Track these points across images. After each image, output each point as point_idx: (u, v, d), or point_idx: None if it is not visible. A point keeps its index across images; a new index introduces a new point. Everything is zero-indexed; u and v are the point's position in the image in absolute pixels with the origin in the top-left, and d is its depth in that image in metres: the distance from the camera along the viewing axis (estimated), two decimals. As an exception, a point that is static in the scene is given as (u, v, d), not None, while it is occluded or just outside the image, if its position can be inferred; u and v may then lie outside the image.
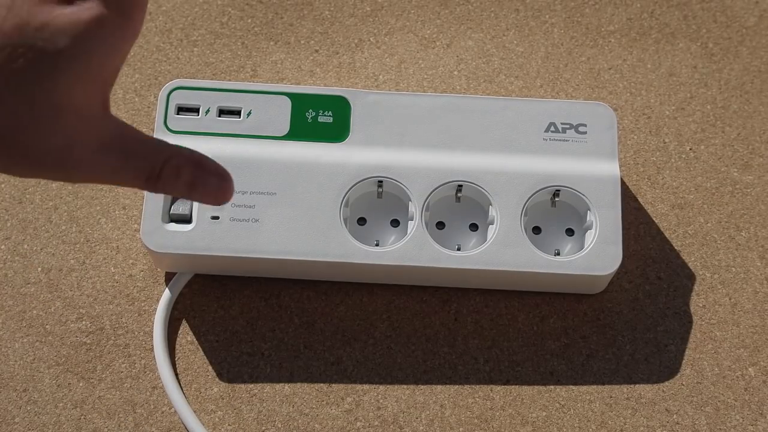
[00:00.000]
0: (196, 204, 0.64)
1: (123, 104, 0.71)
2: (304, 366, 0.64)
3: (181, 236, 0.63)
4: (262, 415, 0.63)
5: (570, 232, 0.66)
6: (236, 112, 0.66)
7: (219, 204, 0.47)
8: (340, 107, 0.66)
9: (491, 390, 0.63)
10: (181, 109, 0.66)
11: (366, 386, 0.64)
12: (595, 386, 0.64)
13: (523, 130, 0.66)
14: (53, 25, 0.40)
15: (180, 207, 0.64)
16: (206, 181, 0.46)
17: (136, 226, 0.68)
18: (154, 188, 0.45)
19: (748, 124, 0.71)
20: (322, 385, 0.64)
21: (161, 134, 0.65)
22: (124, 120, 0.71)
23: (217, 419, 0.63)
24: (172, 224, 0.64)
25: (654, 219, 0.68)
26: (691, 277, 0.67)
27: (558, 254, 0.64)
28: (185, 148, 0.46)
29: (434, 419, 0.63)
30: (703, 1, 0.75)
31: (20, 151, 0.42)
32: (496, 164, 0.65)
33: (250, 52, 0.73)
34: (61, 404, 0.63)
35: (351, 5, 0.75)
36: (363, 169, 0.64)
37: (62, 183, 0.69)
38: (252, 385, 0.64)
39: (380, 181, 0.64)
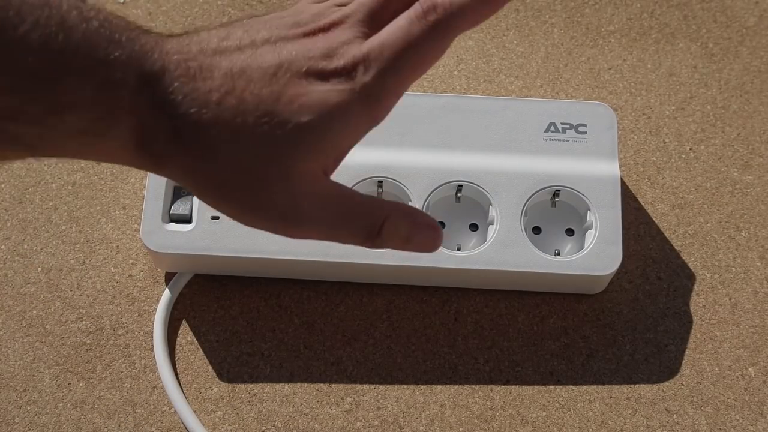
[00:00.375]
0: (195, 204, 0.64)
1: (123, 104, 0.71)
2: (304, 366, 0.64)
3: (181, 236, 0.63)
4: (262, 415, 0.63)
5: (570, 232, 0.66)
6: (236, 113, 0.66)
7: (430, 252, 0.51)
8: (340, 107, 0.66)
9: (491, 390, 0.63)
10: (181, 110, 0.66)
11: (366, 386, 0.64)
12: (595, 386, 0.64)
13: (523, 130, 0.66)
14: (303, 100, 0.44)
15: (180, 207, 0.64)
16: (422, 234, 0.50)
17: (136, 226, 0.68)
18: (372, 245, 0.49)
19: (748, 124, 0.71)
20: (322, 385, 0.64)
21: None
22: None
23: (217, 419, 0.63)
24: (172, 224, 0.64)
25: (654, 219, 0.68)
26: (691, 277, 0.67)
27: (558, 254, 0.64)
28: (399, 204, 0.50)
29: (434, 419, 0.63)
30: (703, 1, 0.75)
31: (250, 204, 0.46)
32: (496, 164, 0.65)
33: (250, 52, 0.73)
34: (61, 404, 0.63)
35: (351, 5, 0.75)
36: (363, 169, 0.64)
37: (62, 183, 0.69)
38: (252, 385, 0.64)
39: (380, 181, 0.64)
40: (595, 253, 0.63)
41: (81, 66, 0.40)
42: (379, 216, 0.48)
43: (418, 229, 0.50)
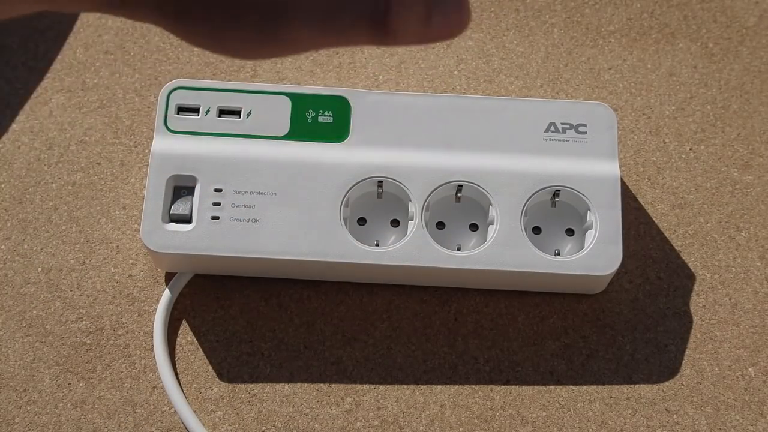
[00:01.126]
0: (196, 204, 0.64)
1: (123, 104, 0.71)
2: (304, 366, 0.64)
3: (181, 236, 0.63)
4: (262, 415, 0.63)
5: (570, 232, 0.65)
6: (236, 112, 0.66)
7: (457, 32, 0.38)
8: (340, 107, 0.66)
9: (491, 390, 0.63)
10: (181, 109, 0.66)
11: (366, 386, 0.64)
12: (595, 386, 0.64)
13: (523, 130, 0.66)
14: None
15: (180, 207, 0.64)
16: (443, 9, 0.38)
17: (136, 226, 0.68)
18: (382, 36, 0.38)
19: (748, 124, 0.71)
20: (322, 385, 0.64)
21: (161, 134, 0.65)
22: (124, 121, 0.71)
23: (217, 419, 0.63)
24: (172, 224, 0.64)
25: (654, 219, 0.68)
26: (691, 277, 0.67)
27: (558, 254, 0.64)
28: None
29: (434, 419, 0.63)
30: (703, 1, 0.75)
31: (223, 12, 0.37)
32: (496, 164, 0.65)
33: (250, 52, 0.73)
34: (61, 404, 0.63)
35: (351, 5, 0.75)
36: (363, 169, 0.64)
37: (62, 183, 0.69)
38: (252, 385, 0.63)
39: (380, 181, 0.64)
40: (595, 253, 0.63)
41: None
42: None
43: (438, 2, 0.38)
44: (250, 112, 0.66)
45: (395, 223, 0.65)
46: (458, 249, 0.64)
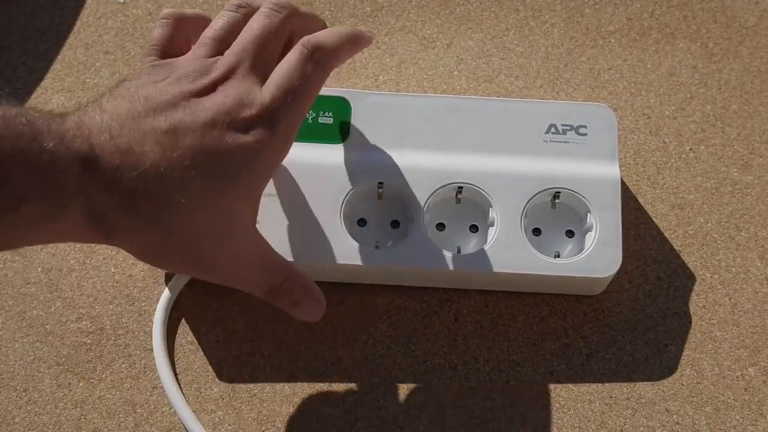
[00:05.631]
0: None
1: (123, 104, 0.71)
2: (304, 366, 0.64)
3: (181, 236, 0.63)
4: (262, 415, 0.63)
5: (570, 233, 0.65)
6: (236, 113, 0.66)
7: (310, 321, 0.60)
8: (340, 108, 0.66)
9: (491, 390, 0.64)
10: (181, 110, 0.66)
11: (366, 386, 0.64)
12: (595, 386, 0.64)
13: (524, 131, 0.66)
14: (236, 148, 0.50)
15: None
16: (307, 303, 0.58)
17: (136, 226, 0.68)
18: (268, 298, 0.56)
19: (748, 124, 0.71)
20: (322, 385, 0.64)
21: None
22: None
23: (217, 419, 0.63)
24: (173, 225, 0.63)
25: (654, 219, 0.68)
26: (691, 277, 0.67)
27: (558, 256, 0.64)
28: (297, 271, 0.57)
29: (434, 419, 0.63)
30: (703, 1, 0.75)
31: (196, 264, 0.53)
32: (497, 166, 0.65)
33: (250, 52, 0.73)
34: (61, 404, 0.63)
35: (351, 5, 0.75)
36: (363, 172, 0.64)
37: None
38: (252, 385, 0.64)
39: (380, 183, 0.64)
40: (595, 256, 0.63)
41: (23, 162, 0.44)
42: (283, 276, 0.56)
43: (306, 298, 0.57)
44: (250, 113, 0.65)
45: (395, 224, 0.65)
46: (458, 250, 0.64)
